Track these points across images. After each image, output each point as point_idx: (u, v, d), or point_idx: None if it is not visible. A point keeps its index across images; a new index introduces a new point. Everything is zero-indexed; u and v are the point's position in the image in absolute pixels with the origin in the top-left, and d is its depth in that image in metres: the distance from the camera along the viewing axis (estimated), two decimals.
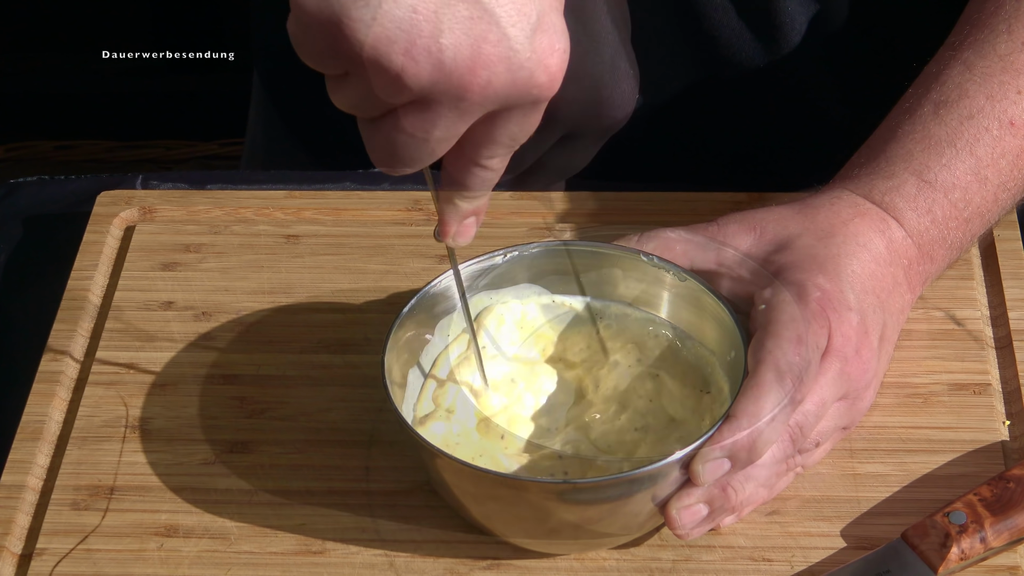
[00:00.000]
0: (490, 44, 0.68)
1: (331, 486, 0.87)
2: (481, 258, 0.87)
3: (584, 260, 0.88)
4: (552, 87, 0.71)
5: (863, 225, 0.86)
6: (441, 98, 0.69)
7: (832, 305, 0.82)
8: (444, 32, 0.68)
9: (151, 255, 1.01)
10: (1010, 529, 0.81)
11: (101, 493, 0.87)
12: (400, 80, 0.68)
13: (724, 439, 0.78)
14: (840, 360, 0.82)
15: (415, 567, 0.83)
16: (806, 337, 0.80)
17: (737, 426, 0.78)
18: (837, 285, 0.83)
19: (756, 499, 0.82)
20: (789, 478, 0.84)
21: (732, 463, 0.78)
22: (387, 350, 0.83)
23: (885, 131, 0.91)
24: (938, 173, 0.88)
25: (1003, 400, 0.90)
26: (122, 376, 0.93)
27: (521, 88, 0.70)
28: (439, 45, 0.68)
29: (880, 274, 0.86)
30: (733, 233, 0.87)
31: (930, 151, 0.88)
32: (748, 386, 0.79)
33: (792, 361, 0.79)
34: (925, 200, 0.88)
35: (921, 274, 0.88)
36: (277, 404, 0.91)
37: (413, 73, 0.68)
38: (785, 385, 0.79)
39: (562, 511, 0.79)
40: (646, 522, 0.81)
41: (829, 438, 0.84)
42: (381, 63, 0.68)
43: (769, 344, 0.80)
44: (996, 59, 0.90)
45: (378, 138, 0.72)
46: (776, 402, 0.78)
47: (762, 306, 0.83)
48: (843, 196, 0.88)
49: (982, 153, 0.88)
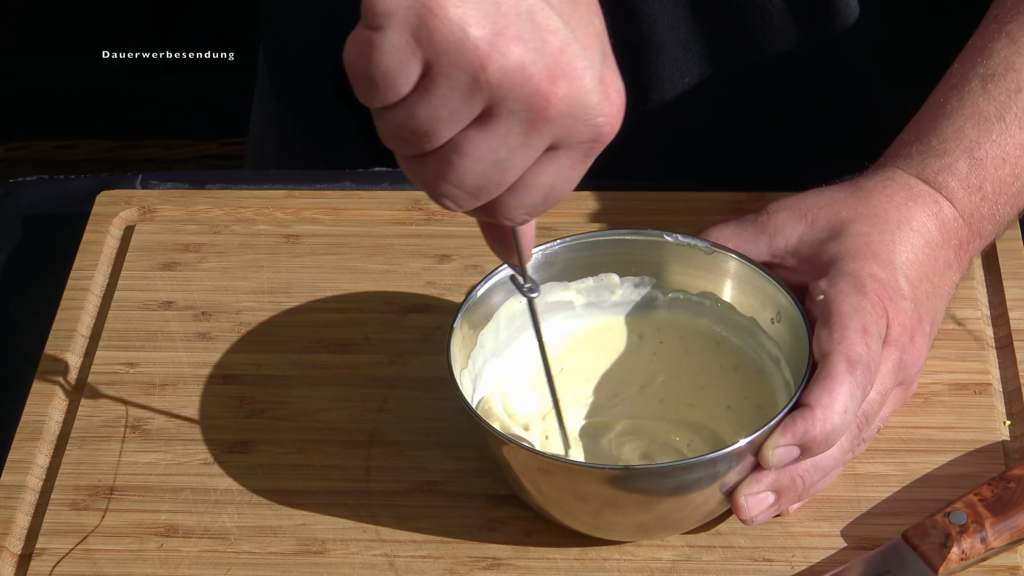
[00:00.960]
0: (568, 56, 0.66)
1: (331, 486, 0.87)
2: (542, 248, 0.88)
3: (641, 251, 0.89)
4: (612, 126, 0.68)
5: (916, 209, 0.87)
6: (514, 108, 0.66)
7: (888, 295, 0.83)
8: (526, 35, 0.65)
9: (151, 255, 1.01)
10: (1011, 529, 0.81)
11: (101, 493, 0.87)
12: (482, 74, 0.65)
13: (797, 428, 0.78)
14: (898, 350, 0.83)
15: (415, 567, 0.83)
16: (871, 328, 0.81)
17: (811, 416, 0.78)
18: (892, 274, 0.84)
19: (820, 486, 0.83)
20: (844, 465, 0.85)
21: (803, 451, 0.79)
22: (452, 343, 0.83)
23: (933, 107, 0.91)
24: (988, 149, 0.88)
25: (1003, 400, 0.90)
26: (122, 376, 0.93)
27: (589, 114, 0.67)
28: (522, 44, 0.65)
29: (933, 259, 0.86)
30: (784, 222, 0.87)
31: (980, 127, 0.89)
32: (820, 376, 0.79)
33: (861, 352, 0.80)
34: (976, 177, 0.88)
35: (970, 252, 0.89)
36: (277, 404, 0.91)
37: (498, 67, 0.64)
38: (856, 376, 0.79)
39: (622, 498, 0.79)
40: (707, 511, 0.82)
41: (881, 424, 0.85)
42: (465, 49, 0.64)
43: (836, 335, 0.80)
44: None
45: (432, 167, 0.68)
46: (850, 393, 0.79)
47: (820, 296, 0.83)
48: (895, 177, 0.88)
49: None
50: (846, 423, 0.79)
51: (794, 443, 0.78)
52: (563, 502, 0.81)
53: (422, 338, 0.94)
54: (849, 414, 0.79)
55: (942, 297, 0.87)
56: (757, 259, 0.87)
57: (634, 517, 0.81)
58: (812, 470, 0.81)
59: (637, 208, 1.02)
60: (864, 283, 0.82)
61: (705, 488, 0.79)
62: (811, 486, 0.82)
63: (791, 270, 0.86)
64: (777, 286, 0.85)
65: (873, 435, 0.85)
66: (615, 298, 0.90)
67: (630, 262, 0.89)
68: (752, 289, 0.87)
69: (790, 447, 0.78)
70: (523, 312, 0.88)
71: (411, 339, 0.94)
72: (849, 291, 0.82)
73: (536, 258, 0.88)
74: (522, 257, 0.76)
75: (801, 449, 0.79)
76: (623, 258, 0.89)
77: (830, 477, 0.83)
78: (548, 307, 0.89)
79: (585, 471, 0.79)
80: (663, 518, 0.82)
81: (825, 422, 0.78)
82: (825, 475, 0.82)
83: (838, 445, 0.81)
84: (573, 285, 0.89)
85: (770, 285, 0.85)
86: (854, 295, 0.82)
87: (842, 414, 0.79)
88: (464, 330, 0.85)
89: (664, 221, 1.00)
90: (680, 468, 0.78)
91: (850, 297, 0.82)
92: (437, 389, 0.91)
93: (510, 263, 0.77)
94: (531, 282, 0.79)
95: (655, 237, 0.88)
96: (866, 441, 0.84)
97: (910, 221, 0.86)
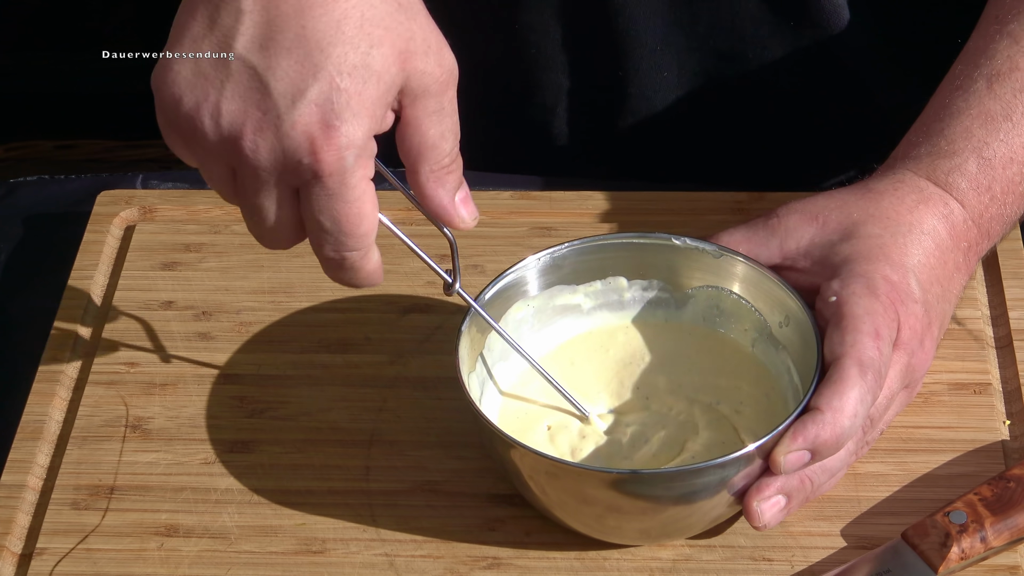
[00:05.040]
0: (259, 110, 0.73)
1: (331, 486, 0.87)
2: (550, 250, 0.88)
3: (649, 254, 0.89)
4: (322, 161, 0.74)
5: (927, 212, 0.87)
6: (233, 163, 0.75)
7: (900, 298, 0.83)
8: (225, 98, 0.74)
9: (151, 255, 1.01)
10: (1010, 529, 0.81)
11: (101, 493, 0.87)
12: (192, 138, 0.75)
13: (808, 432, 0.78)
14: (908, 354, 0.83)
15: (415, 567, 0.83)
16: (882, 331, 0.81)
17: (822, 420, 0.78)
18: (904, 277, 0.84)
19: (826, 487, 0.83)
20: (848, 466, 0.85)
21: (813, 456, 0.79)
22: (459, 346, 0.83)
23: (939, 108, 0.91)
24: (996, 148, 0.88)
25: (1003, 400, 0.90)
26: (122, 376, 0.93)
27: (290, 159, 0.74)
28: (218, 109, 0.74)
29: (943, 262, 0.86)
30: (795, 224, 0.87)
31: (987, 126, 0.89)
32: (831, 380, 0.80)
33: (872, 356, 0.80)
34: (985, 177, 0.88)
35: (978, 253, 0.89)
36: (277, 404, 0.91)
37: (202, 132, 0.74)
38: (867, 380, 0.79)
39: (626, 503, 0.79)
40: (714, 517, 0.82)
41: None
42: (180, 123, 0.75)
43: (848, 339, 0.80)
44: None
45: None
46: (860, 397, 0.79)
47: (832, 298, 0.83)
48: (905, 179, 0.88)
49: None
50: (856, 427, 0.79)
51: (805, 447, 0.78)
52: (568, 505, 0.81)
53: (422, 338, 0.94)
54: (859, 418, 0.79)
55: (950, 301, 0.87)
56: (768, 262, 0.87)
57: (640, 521, 0.81)
58: (820, 472, 0.81)
59: (637, 208, 1.02)
60: (877, 285, 0.83)
61: (711, 493, 0.79)
62: (819, 487, 0.82)
63: (802, 272, 0.86)
64: (786, 290, 0.85)
65: (876, 437, 0.85)
66: (623, 301, 0.90)
67: (638, 265, 0.89)
68: (760, 293, 0.87)
69: (801, 452, 0.78)
70: (533, 315, 0.88)
71: (411, 339, 0.94)
72: (862, 293, 0.82)
73: (544, 261, 0.88)
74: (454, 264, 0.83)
75: (812, 453, 0.79)
76: (631, 261, 0.89)
77: (836, 478, 0.84)
78: (556, 310, 0.89)
79: (591, 475, 0.79)
80: (671, 523, 0.81)
81: (835, 426, 0.78)
82: (832, 476, 0.83)
83: (845, 447, 0.81)
84: (581, 288, 0.89)
85: (778, 289, 0.85)
86: (867, 297, 0.82)
87: (852, 418, 0.79)
88: (472, 332, 0.85)
89: (664, 221, 1.00)
90: (688, 473, 0.78)
91: (863, 299, 0.82)
92: (437, 389, 0.91)
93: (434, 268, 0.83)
94: (451, 278, 0.83)
95: (663, 240, 0.88)
96: (869, 444, 0.84)
97: (921, 224, 0.86)
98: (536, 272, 0.88)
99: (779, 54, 1.05)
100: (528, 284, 0.88)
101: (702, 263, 0.88)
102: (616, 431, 0.86)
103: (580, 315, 0.90)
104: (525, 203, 1.02)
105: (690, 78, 1.07)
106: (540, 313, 0.89)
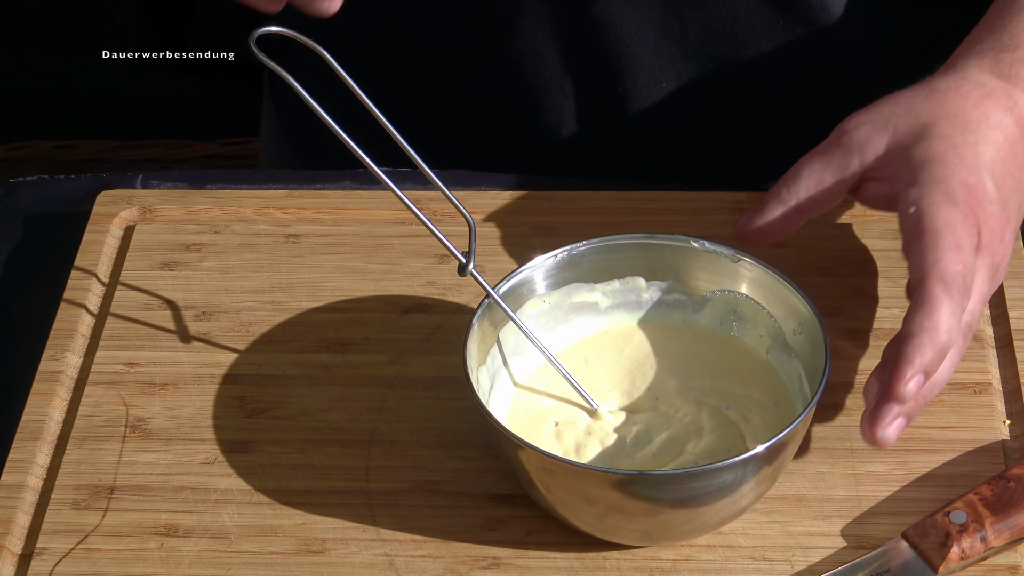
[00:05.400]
0: None
1: (331, 486, 0.87)
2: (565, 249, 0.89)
3: (667, 256, 0.89)
4: None
5: (992, 106, 0.88)
6: None
7: (978, 201, 0.84)
8: None
9: (151, 255, 1.01)
10: (1011, 528, 0.81)
11: (101, 493, 0.87)
12: None
13: (912, 359, 0.80)
14: (991, 254, 0.84)
15: (415, 567, 0.83)
16: (964, 242, 0.82)
17: (919, 343, 0.80)
18: (979, 179, 0.85)
19: (935, 395, 0.85)
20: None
21: (925, 376, 0.80)
22: (469, 340, 0.84)
23: (1001, 7, 0.92)
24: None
25: (1003, 399, 0.90)
26: (122, 376, 0.93)
27: None
28: None
29: (1013, 153, 0.87)
30: (867, 136, 0.88)
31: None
32: (920, 301, 0.81)
33: (956, 271, 0.81)
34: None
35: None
36: (277, 404, 0.91)
37: None
38: (953, 296, 0.81)
39: (628, 503, 0.79)
40: (718, 520, 0.82)
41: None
42: None
43: (930, 257, 0.82)
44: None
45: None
46: (951, 311, 0.80)
47: (911, 209, 0.84)
48: (968, 75, 0.89)
49: None
50: (952, 339, 0.81)
51: (919, 372, 0.80)
52: (571, 503, 0.81)
53: (422, 338, 0.94)
54: (954, 331, 0.81)
55: (1023, 190, 0.88)
56: (851, 180, 0.88)
57: (641, 522, 0.81)
58: (931, 386, 0.83)
59: (637, 208, 1.02)
60: (955, 193, 0.84)
61: (715, 497, 0.79)
62: (930, 398, 0.84)
63: (884, 181, 0.88)
64: (799, 297, 0.85)
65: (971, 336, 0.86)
66: (641, 301, 0.90)
67: (655, 266, 0.89)
68: (775, 299, 0.87)
69: (918, 376, 0.80)
70: (548, 311, 0.89)
71: (411, 339, 0.94)
72: (941, 203, 0.83)
73: (562, 258, 0.88)
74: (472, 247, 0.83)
75: (924, 375, 0.80)
76: (649, 262, 0.89)
77: (941, 386, 0.85)
78: (573, 307, 0.90)
79: (594, 474, 0.79)
80: (673, 525, 0.81)
81: (934, 344, 0.80)
82: (938, 387, 0.84)
83: (948, 357, 0.82)
84: (599, 287, 0.90)
85: (793, 295, 0.86)
86: (946, 207, 0.83)
87: (947, 332, 0.80)
88: (484, 326, 0.85)
89: (664, 221, 1.00)
90: (687, 476, 0.78)
91: (942, 209, 0.83)
92: (437, 389, 0.91)
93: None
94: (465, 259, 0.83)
95: (681, 242, 0.89)
96: (966, 343, 0.86)
97: (988, 118, 0.87)
98: (553, 269, 0.88)
99: (775, 55, 1.05)
100: (544, 280, 0.89)
101: (719, 267, 0.88)
102: (622, 429, 0.86)
103: (597, 313, 0.90)
104: (525, 203, 1.02)
105: (689, 87, 1.07)
106: (556, 309, 0.89)
